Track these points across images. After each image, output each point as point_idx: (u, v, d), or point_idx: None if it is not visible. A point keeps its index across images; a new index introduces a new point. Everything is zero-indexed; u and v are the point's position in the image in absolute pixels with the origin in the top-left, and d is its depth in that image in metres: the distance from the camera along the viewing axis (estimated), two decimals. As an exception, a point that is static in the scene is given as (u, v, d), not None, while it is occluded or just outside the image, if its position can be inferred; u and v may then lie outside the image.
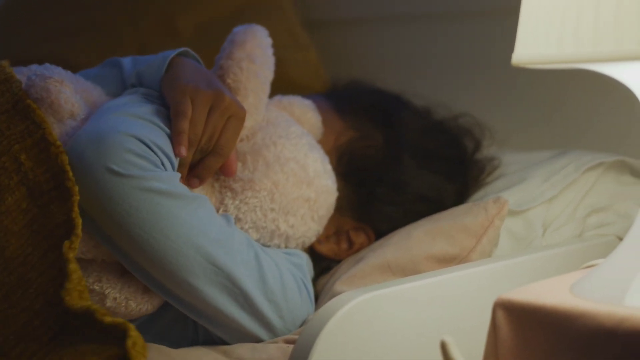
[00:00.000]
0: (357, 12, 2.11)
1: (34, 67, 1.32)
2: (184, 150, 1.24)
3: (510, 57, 1.06)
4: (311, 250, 1.48)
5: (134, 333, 1.06)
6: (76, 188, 1.16)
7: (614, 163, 1.51)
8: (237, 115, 1.29)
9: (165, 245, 1.20)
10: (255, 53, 1.36)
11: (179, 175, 1.24)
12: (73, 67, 1.99)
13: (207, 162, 1.29)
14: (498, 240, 1.40)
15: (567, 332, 1.00)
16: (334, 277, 1.42)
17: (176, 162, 1.25)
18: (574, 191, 1.48)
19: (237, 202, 1.33)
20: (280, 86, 1.94)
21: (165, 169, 1.22)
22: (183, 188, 1.23)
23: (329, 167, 1.42)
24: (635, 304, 0.99)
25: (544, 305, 1.02)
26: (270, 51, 1.38)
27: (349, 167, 1.50)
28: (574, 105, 1.79)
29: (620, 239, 1.43)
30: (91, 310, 1.08)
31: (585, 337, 0.98)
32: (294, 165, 1.36)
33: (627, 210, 1.47)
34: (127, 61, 1.39)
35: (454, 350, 1.01)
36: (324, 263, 1.49)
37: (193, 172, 1.29)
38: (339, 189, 1.46)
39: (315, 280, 1.45)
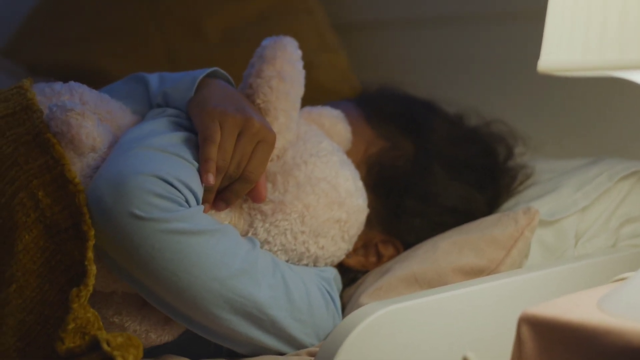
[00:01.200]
0: (386, 14, 2.10)
1: (58, 87, 1.29)
2: (211, 179, 1.21)
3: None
4: (339, 263, 1.45)
5: (103, 336, 1.09)
6: (92, 232, 1.15)
7: (648, 171, 1.47)
8: (267, 140, 1.26)
9: (189, 282, 1.18)
10: (285, 70, 1.32)
11: (202, 208, 1.21)
12: (99, 71, 2.00)
13: (235, 188, 1.26)
14: (529, 251, 1.37)
15: (593, 349, 0.97)
16: (359, 288, 1.40)
17: (202, 191, 1.23)
18: (607, 200, 1.45)
19: (267, 225, 1.30)
20: (310, 90, 1.92)
21: (190, 205, 1.19)
22: (206, 221, 1.20)
23: (360, 184, 1.38)
24: (665, 321, 0.96)
25: (569, 321, 0.99)
26: (300, 65, 1.34)
27: (378, 179, 1.47)
28: (608, 112, 1.76)
29: (654, 249, 1.40)
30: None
31: (612, 355, 0.95)
32: (326, 186, 1.33)
33: (662, 220, 1.44)
34: (153, 78, 1.35)
35: (475, 367, 0.99)
36: (351, 274, 1.47)
37: (221, 195, 1.26)
38: (369, 202, 1.43)
39: (342, 292, 1.42)
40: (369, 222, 1.43)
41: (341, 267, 1.44)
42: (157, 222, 1.15)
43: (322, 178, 1.32)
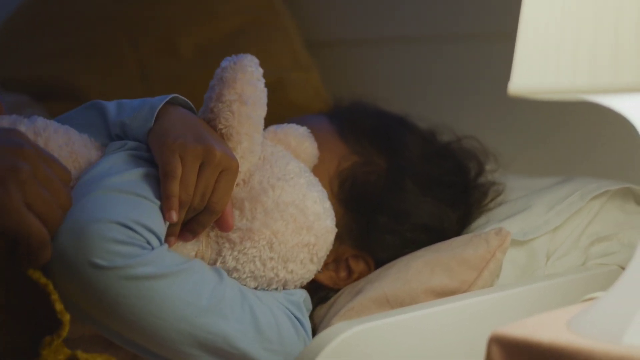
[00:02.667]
0: (358, 33, 2.10)
1: (23, 127, 1.26)
2: (174, 216, 1.19)
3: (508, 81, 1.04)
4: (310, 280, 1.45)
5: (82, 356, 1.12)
6: (50, 285, 1.13)
7: (619, 191, 1.48)
8: (230, 169, 1.24)
9: (157, 324, 1.17)
10: (246, 92, 1.28)
11: (165, 247, 1.20)
12: (73, 88, 1.99)
13: (201, 219, 1.24)
14: (500, 271, 1.37)
15: (563, 370, 0.97)
16: (331, 309, 1.39)
17: (165, 228, 1.21)
18: (578, 219, 1.46)
19: (235, 253, 1.29)
20: (282, 108, 1.93)
21: (153, 246, 1.18)
22: (170, 260, 1.19)
23: (328, 204, 1.37)
24: (634, 342, 0.96)
25: (539, 342, 0.99)
26: (261, 84, 1.30)
27: (350, 194, 1.47)
28: (578, 130, 1.77)
29: (623, 268, 1.40)
30: None
31: (581, 376, 0.95)
32: (294, 210, 1.31)
33: (631, 239, 1.44)
34: (111, 106, 1.33)
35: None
36: (322, 293, 1.46)
37: (187, 227, 1.24)
38: (340, 217, 1.43)
39: (313, 312, 1.42)
40: (340, 237, 1.42)
41: (312, 284, 1.44)
42: (119, 269, 1.14)
43: (290, 202, 1.31)
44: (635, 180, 1.49)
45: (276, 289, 1.32)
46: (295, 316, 1.30)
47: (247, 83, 1.28)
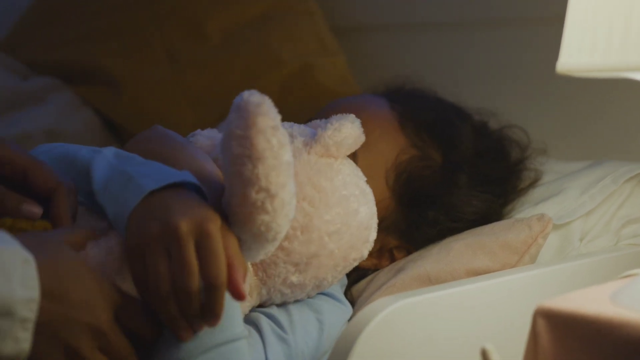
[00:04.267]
0: (386, 18, 2.11)
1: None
2: (185, 335, 1.09)
3: (541, 65, 1.06)
4: None
5: None
6: None
7: (649, 173, 1.50)
8: (207, 233, 1.06)
9: None
10: (271, 179, 1.07)
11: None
12: (99, 70, 2.01)
13: (211, 300, 1.07)
14: (537, 256, 1.39)
15: (609, 341, 0.99)
16: (371, 285, 1.41)
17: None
18: (610, 202, 1.48)
19: (284, 297, 1.27)
20: (308, 92, 1.95)
21: None
22: None
23: (374, 220, 1.31)
24: (679, 314, 0.99)
25: (585, 314, 1.02)
26: (280, 135, 1.07)
27: (404, 188, 1.46)
28: (608, 114, 1.78)
29: (655, 250, 1.43)
30: None
31: (627, 347, 0.98)
32: (348, 246, 1.26)
33: (662, 221, 1.47)
34: (101, 164, 1.17)
35: (495, 358, 1.01)
36: (361, 271, 1.47)
37: (205, 313, 1.08)
38: (391, 209, 1.45)
39: (352, 287, 1.44)
40: (388, 228, 1.45)
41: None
42: None
43: (346, 243, 1.25)
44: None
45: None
46: (335, 298, 1.32)
47: (266, 147, 1.06)
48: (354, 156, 1.42)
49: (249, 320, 1.23)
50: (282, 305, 1.27)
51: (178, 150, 1.22)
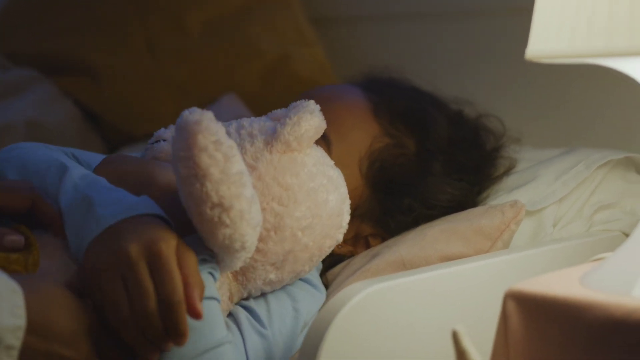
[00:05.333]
0: (363, 9, 2.13)
1: None
2: (152, 357, 1.09)
3: (517, 54, 1.07)
4: None
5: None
6: None
7: (621, 160, 1.52)
8: (158, 255, 1.07)
9: None
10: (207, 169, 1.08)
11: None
12: (82, 62, 2.02)
13: (171, 321, 1.08)
14: (510, 242, 1.41)
15: (577, 322, 1.01)
16: (346, 269, 1.43)
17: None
18: (582, 188, 1.49)
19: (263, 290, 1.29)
20: (287, 82, 1.97)
21: None
22: None
23: (346, 202, 1.32)
24: (644, 295, 1.01)
25: (554, 296, 1.03)
26: (226, 145, 1.08)
27: (378, 176, 1.47)
28: (579, 101, 1.80)
29: (626, 235, 1.45)
30: None
31: (595, 327, 0.99)
32: (322, 236, 1.27)
33: (634, 207, 1.48)
34: (68, 189, 1.19)
35: (465, 340, 1.02)
36: (337, 257, 1.48)
37: (170, 333, 1.09)
38: (365, 197, 1.46)
39: (326, 271, 1.46)
40: (363, 215, 1.46)
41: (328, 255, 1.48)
42: None
43: (319, 233, 1.26)
44: (637, 150, 1.53)
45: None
46: (311, 283, 1.34)
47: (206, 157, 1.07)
48: (327, 145, 1.44)
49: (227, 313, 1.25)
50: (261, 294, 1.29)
51: (150, 166, 1.25)
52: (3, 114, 1.90)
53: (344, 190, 1.29)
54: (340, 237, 1.29)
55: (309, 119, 1.22)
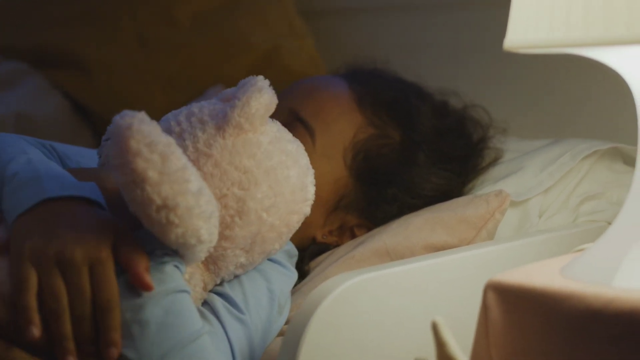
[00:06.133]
0: (353, 1, 2.12)
1: None
2: (35, 331, 1.08)
3: (499, 46, 1.07)
4: (311, 238, 1.49)
5: None
6: None
7: (607, 151, 1.52)
8: (99, 260, 1.10)
9: None
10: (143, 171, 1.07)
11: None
12: (72, 55, 2.02)
13: (105, 325, 1.10)
14: (495, 231, 1.41)
15: (556, 313, 1.01)
16: (330, 257, 1.43)
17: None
18: (568, 179, 1.49)
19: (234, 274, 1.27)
20: (277, 74, 1.96)
21: None
22: None
23: (309, 175, 1.28)
24: (623, 285, 1.00)
25: (533, 287, 1.03)
26: (163, 143, 1.08)
27: (363, 167, 1.48)
28: (565, 91, 1.80)
29: (612, 225, 1.45)
30: None
31: (574, 318, 0.99)
32: (286, 212, 1.24)
33: (619, 197, 1.48)
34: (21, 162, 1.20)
35: (444, 331, 1.02)
36: (322, 246, 1.49)
37: (103, 338, 1.11)
38: (350, 187, 1.46)
39: (310, 260, 1.46)
40: (347, 206, 1.46)
41: (313, 242, 1.48)
42: None
43: (284, 210, 1.23)
44: (623, 140, 1.53)
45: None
46: (281, 264, 1.32)
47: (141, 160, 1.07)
48: (311, 136, 1.44)
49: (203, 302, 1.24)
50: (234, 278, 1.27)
51: (99, 171, 1.25)
52: (-7, 107, 1.90)
53: (304, 162, 1.26)
54: (307, 210, 1.26)
55: (258, 98, 1.18)
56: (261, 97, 1.18)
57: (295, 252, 1.39)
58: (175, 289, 1.14)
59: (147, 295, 1.11)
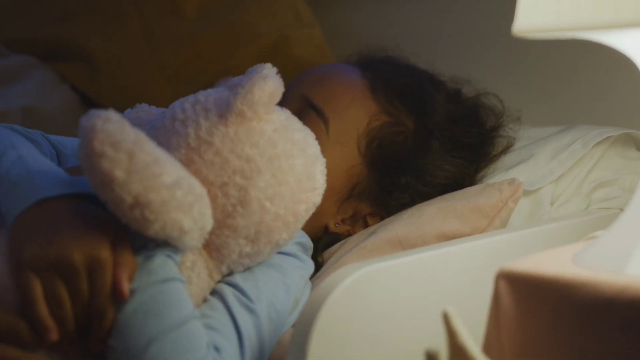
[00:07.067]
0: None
1: None
2: (54, 335, 1.11)
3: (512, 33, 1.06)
4: (323, 227, 1.48)
5: None
6: None
7: (619, 137, 1.51)
8: (98, 264, 1.10)
9: None
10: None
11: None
12: (79, 49, 2.01)
13: (96, 328, 1.13)
14: (508, 220, 1.40)
15: (568, 301, 1.00)
16: (343, 247, 1.42)
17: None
18: (580, 166, 1.48)
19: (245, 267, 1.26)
20: (285, 64, 1.95)
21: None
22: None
23: (319, 165, 1.26)
24: (637, 272, 0.99)
25: (545, 275, 1.02)
26: (129, 140, 1.08)
27: (377, 154, 1.47)
28: (578, 79, 1.79)
29: (625, 212, 1.43)
30: None
31: (586, 306, 0.98)
32: (291, 202, 1.22)
33: (632, 184, 1.47)
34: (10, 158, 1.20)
35: (456, 321, 1.01)
36: (334, 236, 1.48)
37: (91, 339, 1.13)
38: (363, 175, 1.45)
39: (324, 251, 1.45)
40: (360, 194, 1.46)
41: (326, 233, 1.47)
42: None
43: (289, 199, 1.21)
44: (637, 127, 1.51)
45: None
46: (295, 257, 1.31)
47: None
48: (325, 123, 1.43)
49: (212, 291, 1.23)
50: (247, 270, 1.25)
51: None
52: (0, 101, 1.89)
53: (313, 151, 1.24)
54: (317, 199, 1.24)
55: (262, 85, 1.17)
56: (265, 85, 1.17)
57: (310, 244, 1.37)
58: (165, 278, 1.13)
59: (135, 286, 1.12)
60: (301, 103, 1.45)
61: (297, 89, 1.47)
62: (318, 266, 1.42)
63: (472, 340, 1.01)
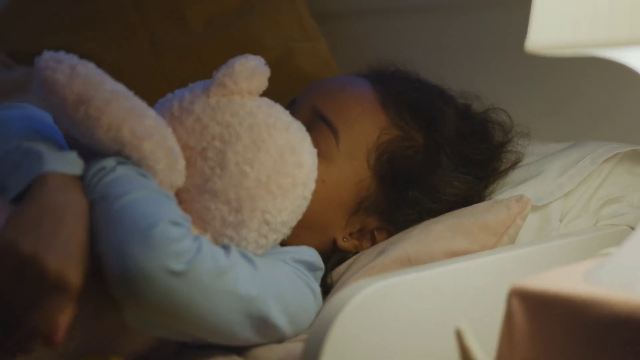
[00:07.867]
0: (366, 3, 2.11)
1: None
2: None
3: (521, 48, 1.06)
4: (331, 244, 1.47)
5: None
6: None
7: (627, 154, 1.50)
8: (63, 286, 1.10)
9: (217, 318, 1.17)
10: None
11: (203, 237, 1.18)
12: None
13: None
14: (516, 238, 1.39)
15: (581, 319, 0.99)
16: (351, 267, 1.41)
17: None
18: (589, 182, 1.48)
19: (235, 243, 1.26)
20: (290, 78, 1.95)
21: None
22: (219, 255, 1.18)
23: (306, 143, 1.30)
24: (651, 291, 0.99)
25: (558, 293, 1.02)
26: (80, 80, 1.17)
27: (386, 169, 1.46)
28: (587, 94, 1.79)
29: (633, 228, 1.43)
30: None
31: (600, 323, 0.98)
32: (278, 178, 1.26)
33: (640, 201, 1.47)
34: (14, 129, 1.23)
35: (469, 338, 1.01)
36: (341, 254, 1.47)
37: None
38: (372, 189, 1.45)
39: (332, 271, 1.44)
40: (368, 208, 1.45)
41: (333, 249, 1.46)
42: (194, 270, 1.13)
43: (272, 170, 1.25)
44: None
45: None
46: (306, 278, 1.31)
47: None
48: (334, 135, 1.42)
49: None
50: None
51: None
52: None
53: (300, 133, 1.29)
54: (306, 179, 1.28)
55: (244, 62, 1.26)
56: (247, 61, 1.26)
57: (320, 265, 1.37)
58: (129, 192, 1.15)
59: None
60: (311, 114, 1.45)
61: (307, 100, 1.47)
62: (327, 288, 1.41)
63: (486, 357, 1.00)
